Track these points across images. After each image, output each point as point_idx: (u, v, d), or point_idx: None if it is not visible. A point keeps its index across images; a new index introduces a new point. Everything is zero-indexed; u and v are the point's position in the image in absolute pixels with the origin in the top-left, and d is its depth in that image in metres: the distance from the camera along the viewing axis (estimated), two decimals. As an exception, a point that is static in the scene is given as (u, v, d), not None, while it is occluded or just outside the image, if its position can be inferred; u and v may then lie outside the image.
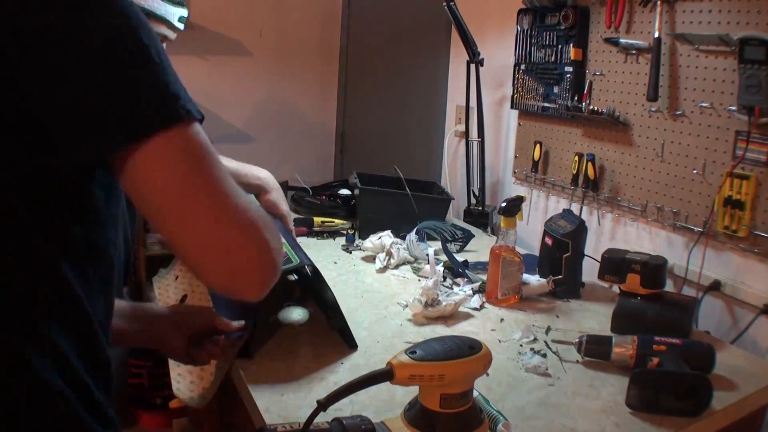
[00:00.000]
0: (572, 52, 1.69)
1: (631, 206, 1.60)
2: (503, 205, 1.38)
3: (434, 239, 1.68)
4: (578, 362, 1.08)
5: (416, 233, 1.62)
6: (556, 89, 1.79)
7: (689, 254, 1.42)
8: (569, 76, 1.72)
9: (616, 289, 1.29)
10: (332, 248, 1.66)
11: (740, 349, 1.20)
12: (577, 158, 1.71)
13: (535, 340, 1.15)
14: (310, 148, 2.85)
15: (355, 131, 2.86)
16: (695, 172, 1.41)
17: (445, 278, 1.43)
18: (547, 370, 1.03)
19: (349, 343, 1.08)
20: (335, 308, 1.07)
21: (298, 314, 1.05)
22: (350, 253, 1.63)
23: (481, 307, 1.30)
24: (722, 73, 1.33)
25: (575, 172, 1.72)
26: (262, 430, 0.75)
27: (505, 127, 2.11)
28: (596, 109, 1.62)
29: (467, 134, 2.08)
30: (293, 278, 1.03)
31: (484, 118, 2.03)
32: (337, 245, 1.68)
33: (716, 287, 1.37)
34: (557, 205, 1.86)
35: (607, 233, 1.70)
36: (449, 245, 1.63)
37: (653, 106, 1.49)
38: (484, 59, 1.97)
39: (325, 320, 1.09)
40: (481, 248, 1.69)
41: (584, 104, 1.66)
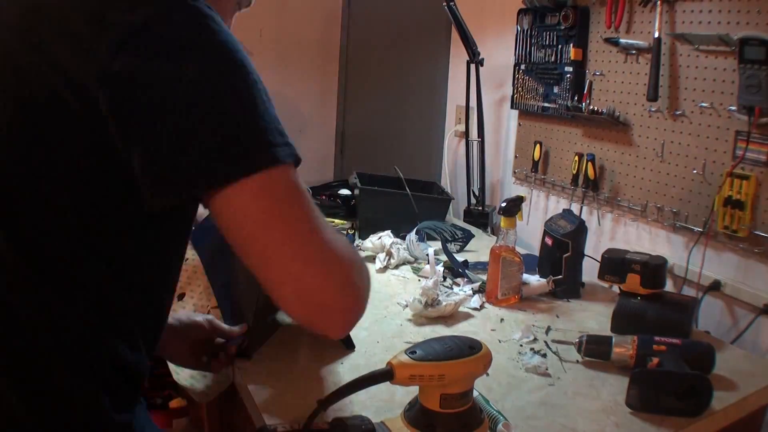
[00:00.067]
0: (572, 52, 1.69)
1: (631, 206, 1.60)
2: (503, 205, 1.38)
3: (434, 239, 1.68)
4: (578, 362, 1.08)
5: (416, 233, 1.61)
6: (556, 89, 1.79)
7: (689, 254, 1.42)
8: (569, 76, 1.72)
9: (616, 289, 1.29)
10: (332, 248, 1.66)
11: (740, 349, 1.20)
12: (577, 158, 1.71)
13: (535, 340, 1.15)
14: (310, 147, 2.84)
15: (355, 131, 2.85)
16: (695, 172, 1.41)
17: (445, 278, 1.43)
18: (547, 370, 1.03)
19: (346, 344, 1.08)
20: None
21: None
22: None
23: (481, 307, 1.30)
24: (722, 73, 1.33)
25: (575, 172, 1.72)
26: (262, 430, 0.75)
27: (505, 127, 2.11)
28: (596, 109, 1.62)
29: (467, 134, 2.08)
30: None
31: (484, 118, 2.03)
32: (337, 245, 1.68)
33: (716, 287, 1.37)
34: (557, 205, 1.86)
35: (607, 233, 1.70)
36: (449, 245, 1.63)
37: (653, 106, 1.49)
38: (484, 59, 1.97)
39: None
40: (481, 248, 1.69)
41: (584, 104, 1.66)
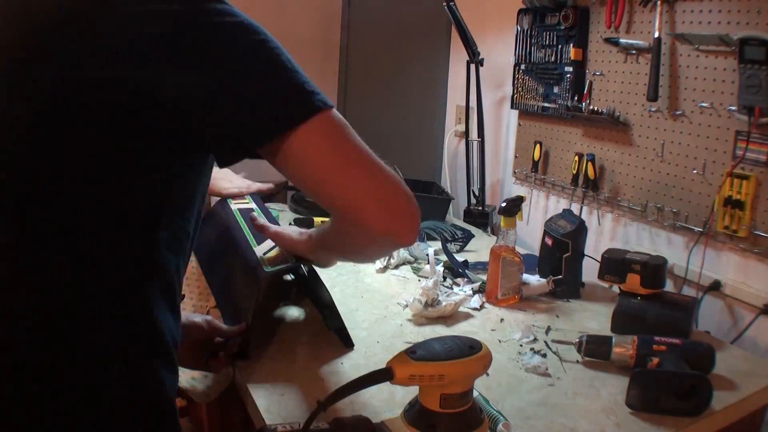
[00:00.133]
0: (572, 52, 1.69)
1: (631, 206, 1.60)
2: (503, 205, 1.38)
3: (434, 239, 1.68)
4: (578, 362, 1.08)
5: (416, 233, 1.61)
6: (556, 89, 1.79)
7: (689, 254, 1.42)
8: (569, 76, 1.72)
9: (616, 289, 1.29)
10: (332, 248, 1.65)
11: (740, 349, 1.20)
12: (577, 158, 1.71)
13: (535, 340, 1.15)
14: (310, 148, 2.84)
15: (355, 131, 2.86)
16: (695, 172, 1.41)
17: (445, 278, 1.43)
18: (547, 370, 1.03)
19: (345, 342, 1.08)
20: (331, 308, 1.06)
21: (294, 314, 1.05)
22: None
23: (481, 307, 1.30)
24: (722, 73, 1.33)
25: (575, 172, 1.72)
26: (262, 430, 0.75)
27: (505, 127, 2.11)
28: (596, 109, 1.62)
29: (467, 134, 2.08)
30: (289, 278, 1.03)
31: (484, 118, 2.03)
32: (337, 245, 1.68)
33: (716, 287, 1.37)
34: (557, 205, 1.86)
35: (607, 233, 1.70)
36: (449, 245, 1.63)
37: (653, 106, 1.49)
38: (484, 59, 1.97)
39: (322, 319, 1.09)
40: (481, 248, 1.69)
41: (584, 104, 1.66)
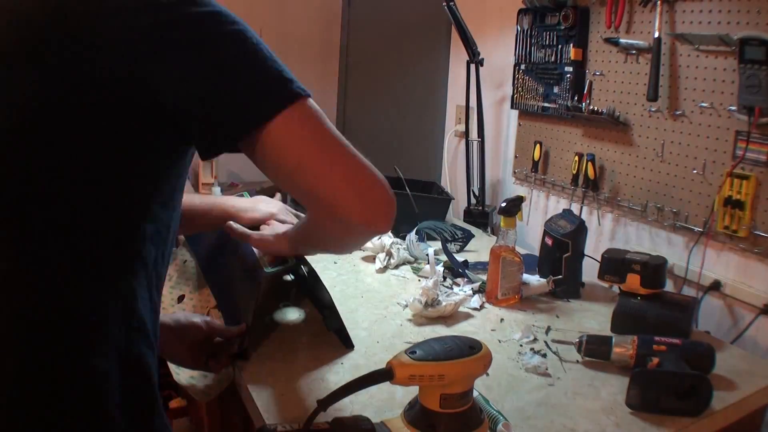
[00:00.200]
0: (572, 52, 1.69)
1: (631, 206, 1.60)
2: (503, 205, 1.38)
3: (434, 239, 1.68)
4: (578, 362, 1.08)
5: (416, 233, 1.61)
6: (556, 89, 1.79)
7: (689, 254, 1.42)
8: (569, 76, 1.72)
9: (616, 289, 1.29)
10: (332, 248, 1.65)
11: (740, 349, 1.20)
12: (577, 158, 1.71)
13: (535, 340, 1.15)
14: (310, 147, 2.85)
15: (355, 131, 2.86)
16: (695, 172, 1.41)
17: (445, 278, 1.43)
18: (547, 370, 1.03)
19: (345, 343, 1.07)
20: (331, 308, 1.06)
21: (293, 314, 1.05)
22: (350, 253, 1.63)
23: (481, 307, 1.30)
24: (722, 73, 1.33)
25: (575, 172, 1.72)
26: (262, 430, 0.75)
27: (505, 127, 2.11)
28: (596, 109, 1.62)
29: (467, 134, 2.08)
30: (289, 278, 1.03)
31: (484, 118, 2.03)
32: (337, 245, 1.68)
33: (716, 287, 1.37)
34: (557, 205, 1.86)
35: (607, 233, 1.70)
36: (449, 245, 1.63)
37: (653, 106, 1.49)
38: (484, 59, 1.97)
39: (322, 320, 1.09)
40: (481, 248, 1.69)
41: (584, 104, 1.66)
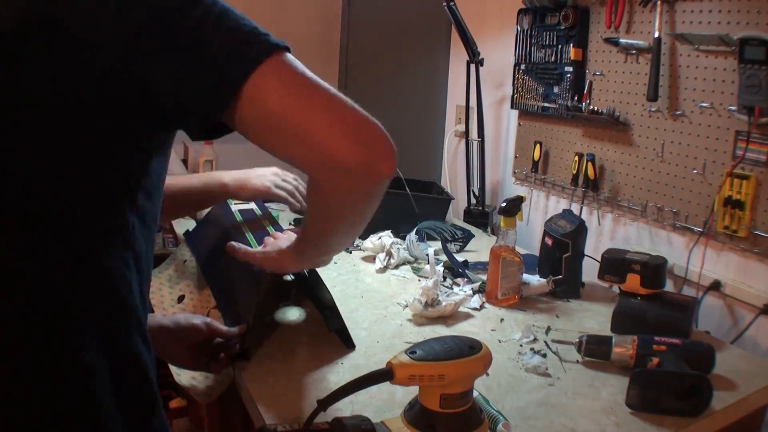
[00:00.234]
0: (572, 52, 1.69)
1: (631, 206, 1.60)
2: (503, 205, 1.38)
3: (434, 239, 1.68)
4: (578, 362, 1.08)
5: (416, 233, 1.61)
6: (556, 89, 1.79)
7: (689, 254, 1.42)
8: (569, 76, 1.72)
9: (616, 289, 1.29)
10: (332, 248, 1.65)
11: (740, 349, 1.20)
12: (577, 158, 1.71)
13: (535, 340, 1.15)
14: (310, 148, 2.84)
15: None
16: (695, 172, 1.41)
17: (445, 278, 1.43)
18: (547, 370, 1.03)
19: (346, 343, 1.07)
20: (332, 308, 1.06)
21: (294, 314, 1.05)
22: (350, 253, 1.63)
23: (481, 307, 1.30)
24: (722, 73, 1.33)
25: (575, 172, 1.72)
26: (262, 430, 0.75)
27: (505, 127, 2.11)
28: (596, 109, 1.62)
29: (467, 134, 2.08)
30: (289, 278, 1.03)
31: (484, 118, 2.03)
32: (337, 245, 1.68)
33: (716, 287, 1.37)
34: (557, 205, 1.86)
35: (607, 233, 1.70)
36: (449, 245, 1.63)
37: (653, 106, 1.49)
38: (484, 59, 1.97)
39: (322, 320, 1.09)
40: (481, 248, 1.69)
41: (584, 104, 1.66)
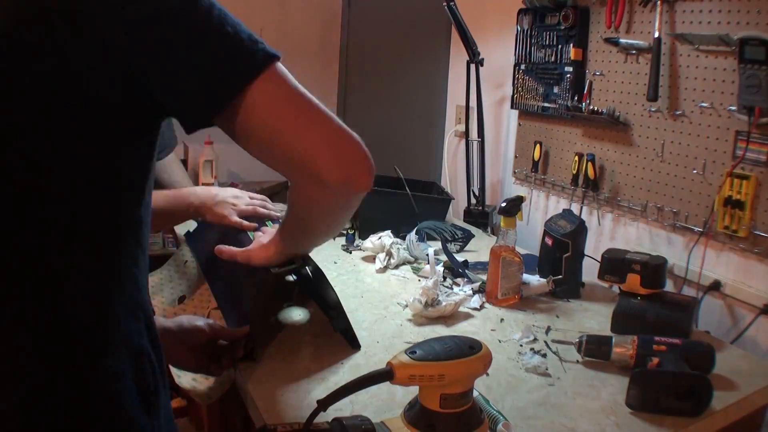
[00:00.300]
0: (572, 52, 1.69)
1: (631, 206, 1.60)
2: (503, 205, 1.38)
3: (434, 239, 1.68)
4: (578, 362, 1.08)
5: (416, 233, 1.62)
6: (556, 89, 1.79)
7: (689, 254, 1.42)
8: (569, 76, 1.72)
9: (616, 289, 1.29)
10: (332, 248, 1.66)
11: (740, 349, 1.20)
12: (577, 158, 1.71)
13: (535, 340, 1.15)
14: (310, 148, 2.85)
15: (355, 131, 2.86)
16: (695, 172, 1.41)
17: (445, 278, 1.43)
18: (547, 370, 1.03)
19: (352, 343, 1.07)
20: (338, 308, 1.06)
21: (298, 314, 1.05)
22: (350, 253, 1.63)
23: (481, 307, 1.30)
24: (722, 73, 1.33)
25: (575, 172, 1.72)
26: (262, 430, 0.75)
27: (505, 127, 2.11)
28: (596, 109, 1.62)
29: (467, 134, 2.08)
30: (292, 278, 1.03)
31: (484, 118, 2.03)
32: (337, 245, 1.68)
33: (716, 287, 1.37)
34: (557, 205, 1.86)
35: (607, 233, 1.70)
36: (449, 245, 1.63)
37: (653, 106, 1.49)
38: (484, 59, 1.97)
39: (325, 320, 1.08)
40: (481, 248, 1.69)
41: (584, 104, 1.66)
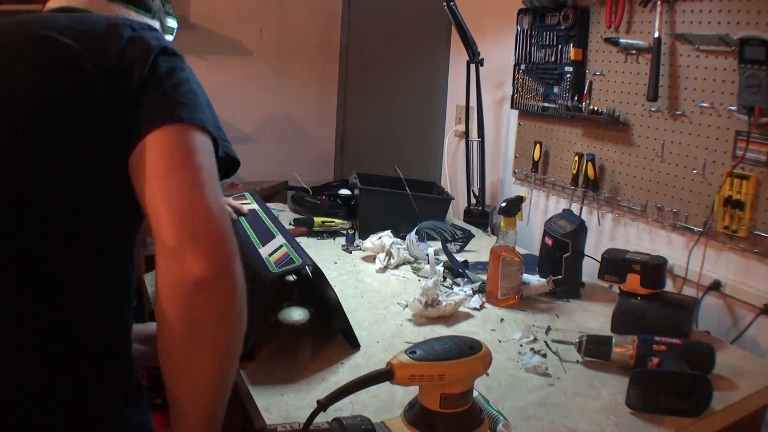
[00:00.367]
0: (572, 52, 1.69)
1: (631, 206, 1.60)
2: (503, 205, 1.38)
3: (434, 239, 1.68)
4: (578, 362, 1.08)
5: (416, 233, 1.61)
6: (556, 89, 1.79)
7: (689, 254, 1.42)
8: (569, 76, 1.72)
9: (616, 289, 1.29)
10: (332, 248, 1.66)
11: (740, 349, 1.20)
12: (577, 158, 1.71)
13: (535, 340, 1.15)
14: (310, 148, 2.85)
15: (355, 131, 2.86)
16: (695, 172, 1.41)
17: (445, 278, 1.43)
18: (547, 370, 1.03)
19: (351, 343, 1.07)
20: (338, 308, 1.06)
21: (297, 314, 1.05)
22: (350, 253, 1.63)
23: (481, 307, 1.30)
24: (722, 73, 1.33)
25: (575, 172, 1.72)
26: (262, 430, 0.75)
27: (505, 127, 2.11)
28: (596, 109, 1.62)
29: (467, 134, 2.08)
30: (292, 278, 1.03)
31: (484, 118, 2.03)
32: (337, 245, 1.68)
33: (716, 287, 1.37)
34: (557, 205, 1.86)
35: (607, 233, 1.70)
36: (449, 245, 1.63)
37: (653, 106, 1.49)
38: (484, 59, 1.97)
39: (325, 320, 1.08)
40: (481, 248, 1.69)
41: (584, 104, 1.66)
